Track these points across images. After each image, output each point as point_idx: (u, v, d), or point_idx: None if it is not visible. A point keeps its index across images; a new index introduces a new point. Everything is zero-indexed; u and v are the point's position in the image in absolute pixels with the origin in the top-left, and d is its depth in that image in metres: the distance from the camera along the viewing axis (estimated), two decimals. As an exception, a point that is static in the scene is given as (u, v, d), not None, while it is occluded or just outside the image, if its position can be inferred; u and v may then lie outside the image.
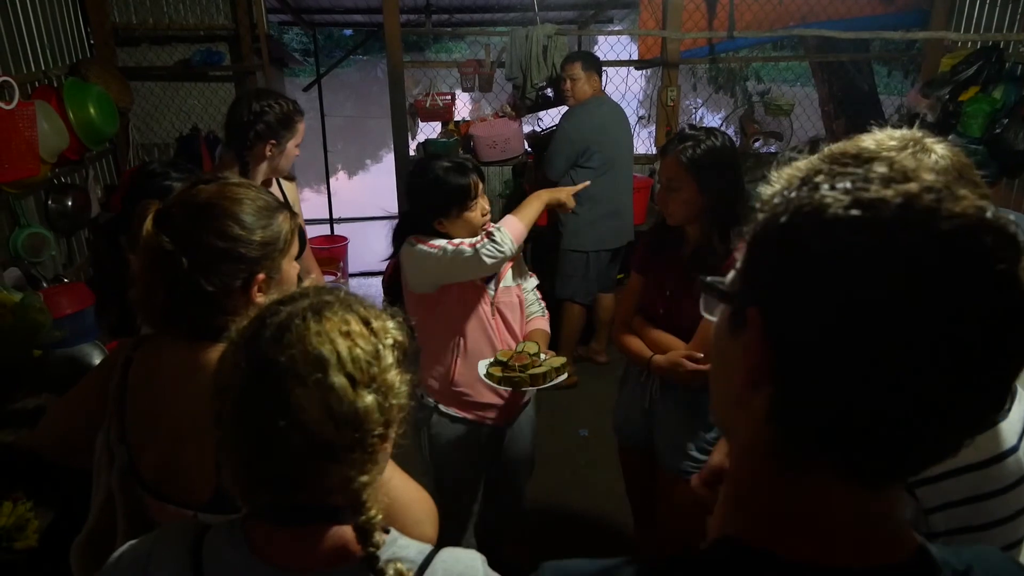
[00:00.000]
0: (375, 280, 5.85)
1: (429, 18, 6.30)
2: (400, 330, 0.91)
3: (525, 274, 2.32)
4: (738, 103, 6.86)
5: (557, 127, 4.20)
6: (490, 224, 2.10)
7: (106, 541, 1.15)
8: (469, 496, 2.30)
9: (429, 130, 4.89)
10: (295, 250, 1.27)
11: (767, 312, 0.56)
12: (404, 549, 0.88)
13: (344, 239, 6.05)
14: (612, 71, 4.89)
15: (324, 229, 6.66)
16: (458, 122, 4.74)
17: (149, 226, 1.16)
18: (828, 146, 0.62)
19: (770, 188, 0.60)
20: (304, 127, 2.45)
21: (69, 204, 3.50)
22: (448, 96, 4.69)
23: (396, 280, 2.22)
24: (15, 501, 1.89)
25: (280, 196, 2.51)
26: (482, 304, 2.14)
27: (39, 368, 2.42)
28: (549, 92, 4.49)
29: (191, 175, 1.79)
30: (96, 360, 2.52)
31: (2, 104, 2.71)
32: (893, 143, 0.57)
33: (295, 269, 1.29)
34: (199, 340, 1.16)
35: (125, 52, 4.47)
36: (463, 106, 5.02)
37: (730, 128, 6.12)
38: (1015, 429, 1.03)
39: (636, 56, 5.10)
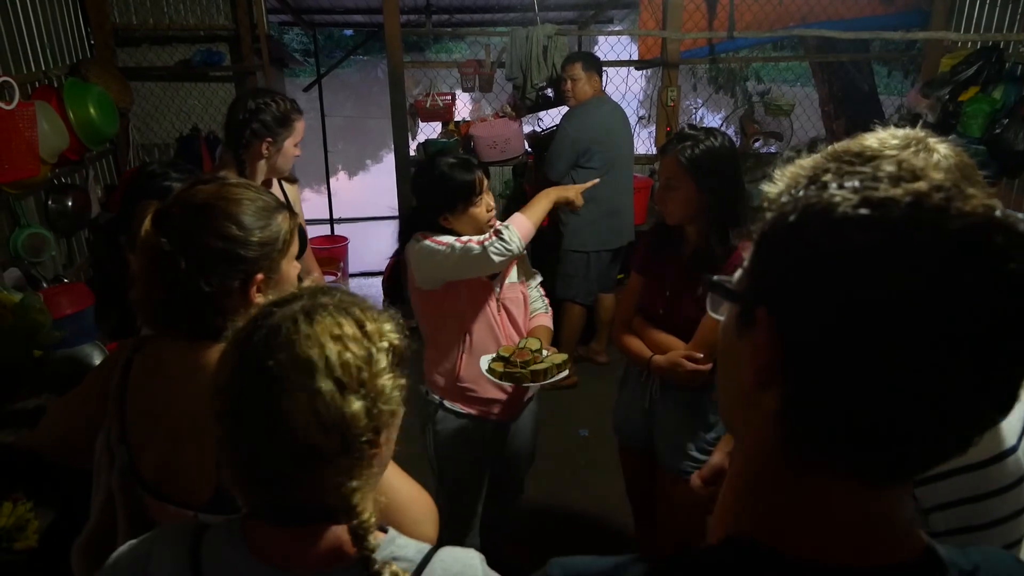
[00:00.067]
0: (375, 280, 5.85)
1: (429, 18, 6.30)
2: (397, 333, 0.90)
3: (530, 271, 2.33)
4: (738, 103, 6.86)
5: (558, 128, 4.19)
6: (496, 221, 2.11)
7: (107, 542, 1.15)
8: (473, 494, 2.30)
9: (429, 130, 4.89)
10: (295, 250, 1.27)
11: (776, 312, 0.55)
12: (402, 548, 0.88)
13: (344, 239, 6.05)
14: (612, 71, 4.89)
15: (324, 229, 6.67)
16: (458, 122, 4.73)
17: (148, 226, 1.16)
18: (828, 147, 0.61)
19: (774, 186, 0.60)
20: (303, 127, 2.44)
21: (69, 204, 3.50)
22: (448, 96, 4.69)
23: (396, 280, 2.22)
24: (15, 501, 1.89)
25: (281, 197, 2.51)
26: (488, 301, 2.15)
27: (39, 368, 2.42)
28: (549, 92, 4.49)
29: (191, 175, 1.79)
30: (96, 361, 2.52)
31: (2, 104, 2.71)
32: (896, 142, 0.57)
33: (295, 269, 1.29)
34: (199, 340, 1.16)
35: (125, 52, 4.48)
36: (463, 106, 5.02)
37: (730, 128, 6.12)
38: (1015, 429, 1.02)
39: (636, 56, 5.10)
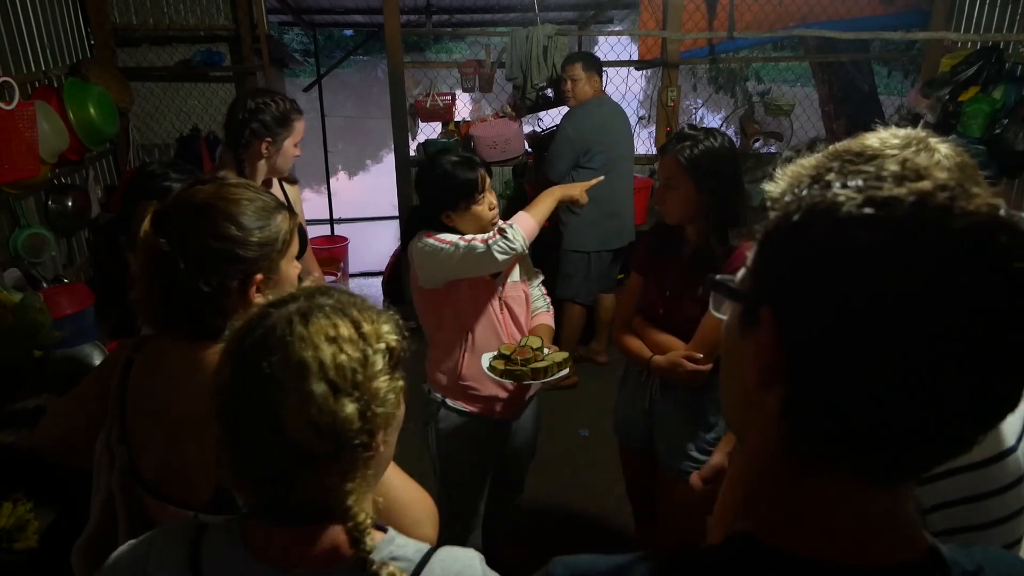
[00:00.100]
0: (375, 280, 5.86)
1: (429, 18, 6.30)
2: (395, 334, 0.89)
3: (532, 271, 2.34)
4: (738, 103, 6.86)
5: (558, 128, 4.19)
6: (498, 219, 2.12)
7: (107, 542, 1.15)
8: (475, 493, 2.31)
9: (429, 130, 4.90)
10: (295, 250, 1.27)
11: (780, 311, 0.55)
12: (401, 548, 0.88)
13: (344, 239, 6.05)
14: (612, 71, 4.89)
15: (324, 229, 6.67)
16: (458, 122, 4.74)
17: (147, 227, 1.15)
18: (828, 147, 0.61)
19: (776, 185, 0.60)
20: (303, 127, 2.44)
21: (69, 204, 3.50)
22: (448, 96, 4.69)
23: (395, 280, 2.22)
24: (15, 502, 1.89)
25: (282, 198, 2.51)
26: (491, 299, 2.16)
27: (39, 368, 2.42)
28: (549, 92, 4.49)
29: (191, 176, 1.79)
30: (96, 360, 2.52)
31: (2, 104, 2.71)
32: (896, 141, 0.57)
33: (296, 269, 1.28)
34: (198, 340, 1.16)
35: (125, 52, 4.48)
36: (463, 106, 5.03)
37: (730, 128, 6.12)
38: (1014, 429, 1.02)
39: (636, 56, 5.10)
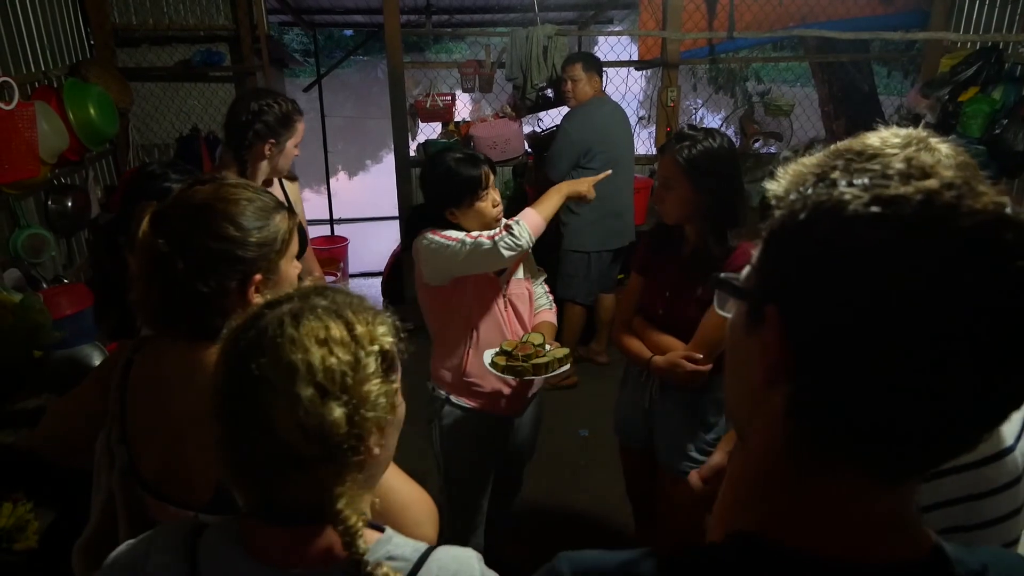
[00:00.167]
0: (375, 280, 5.86)
1: (429, 19, 6.30)
2: (390, 336, 0.88)
3: (535, 269, 2.35)
4: (738, 103, 6.86)
5: (558, 128, 4.19)
6: (501, 216, 2.13)
7: (107, 542, 1.14)
8: (478, 490, 2.31)
9: (429, 131, 4.90)
10: (294, 250, 1.26)
11: (785, 309, 0.55)
12: (399, 548, 0.88)
13: (344, 239, 6.06)
14: (612, 72, 4.89)
15: (324, 230, 6.67)
16: (458, 122, 4.74)
17: (145, 227, 1.15)
18: (828, 147, 0.61)
19: (777, 184, 0.59)
20: (304, 127, 2.45)
21: (69, 205, 3.49)
22: (448, 97, 4.70)
23: (394, 280, 2.22)
24: (15, 502, 1.89)
25: (282, 196, 2.51)
26: (495, 297, 2.17)
27: (39, 368, 2.42)
28: (549, 92, 4.49)
29: (190, 176, 1.79)
30: (96, 361, 2.52)
31: (2, 105, 2.71)
32: (897, 141, 0.57)
33: (296, 269, 1.28)
34: (198, 341, 1.16)
35: (125, 53, 4.48)
36: (463, 107, 5.03)
37: (730, 128, 6.12)
38: (1013, 429, 1.02)
39: (636, 56, 5.11)
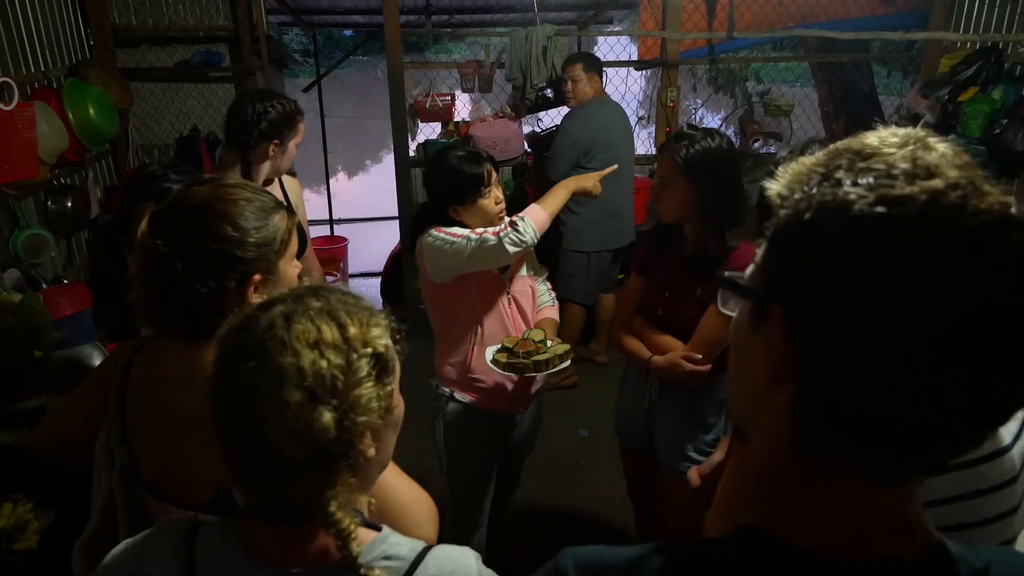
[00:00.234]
0: (375, 280, 5.86)
1: (429, 19, 6.31)
2: (385, 339, 0.87)
3: (537, 266, 2.36)
4: (738, 103, 6.86)
5: (558, 128, 4.19)
6: (504, 213, 2.14)
7: (108, 542, 1.14)
8: (481, 488, 2.31)
9: (429, 131, 4.90)
10: (294, 250, 1.26)
11: (790, 309, 0.55)
12: (395, 547, 0.87)
13: (344, 240, 6.06)
14: (612, 72, 4.89)
15: (324, 230, 6.67)
16: (458, 123, 4.74)
17: (144, 228, 1.15)
18: (824, 147, 0.61)
19: (776, 184, 0.59)
20: (304, 126, 2.47)
21: (69, 205, 3.50)
22: (448, 97, 4.70)
23: (393, 280, 2.22)
24: (15, 502, 1.89)
25: (282, 193, 2.52)
26: (499, 294, 2.18)
27: (39, 369, 2.42)
28: (549, 93, 4.49)
29: (190, 177, 1.79)
30: (96, 361, 2.52)
31: (1, 105, 2.71)
32: (895, 140, 0.57)
33: (296, 269, 1.28)
34: (197, 341, 1.16)
35: (125, 53, 4.48)
36: (463, 107, 5.03)
37: (730, 128, 6.12)
38: (1011, 429, 1.02)
39: (636, 57, 5.11)
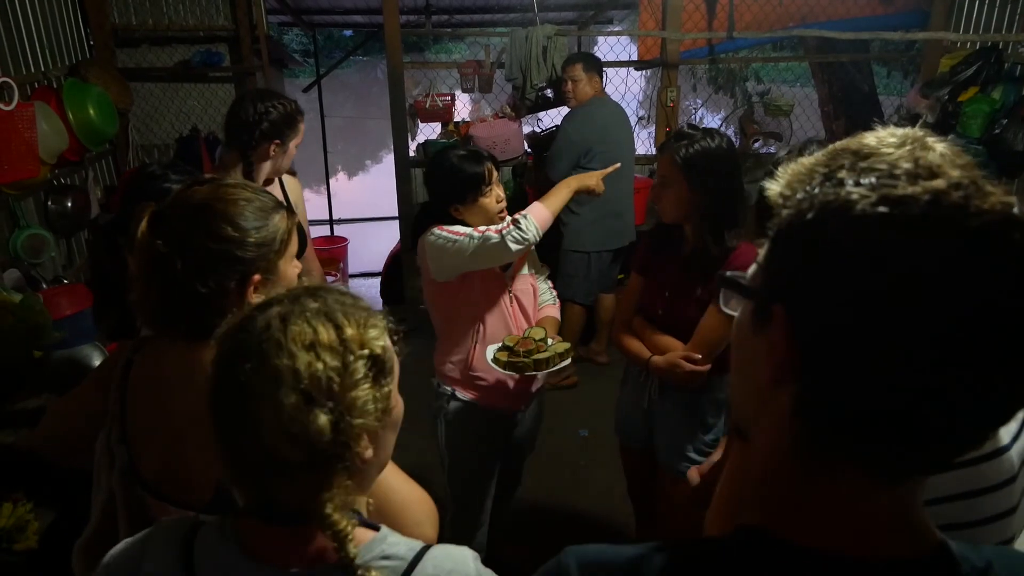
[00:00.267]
0: (375, 281, 5.87)
1: (429, 19, 6.31)
2: (382, 340, 0.87)
3: (539, 265, 2.37)
4: (738, 103, 6.86)
5: (559, 129, 4.19)
6: (505, 212, 2.14)
7: (108, 542, 1.14)
8: (483, 487, 2.31)
9: (429, 131, 4.90)
10: (294, 250, 1.26)
11: (792, 308, 0.55)
12: (393, 547, 0.87)
13: (344, 240, 6.07)
14: (612, 72, 4.89)
15: (324, 230, 6.68)
16: (458, 123, 4.74)
17: (143, 228, 1.15)
18: (823, 147, 0.61)
19: (775, 185, 0.60)
20: (304, 126, 2.47)
21: (69, 205, 3.50)
22: (448, 97, 4.70)
23: (392, 280, 2.22)
24: (15, 502, 1.89)
25: (282, 193, 2.52)
26: (501, 292, 2.19)
27: (39, 368, 2.42)
28: (549, 93, 4.49)
29: (190, 177, 1.79)
30: (96, 361, 2.52)
31: (1, 105, 2.71)
32: (893, 140, 0.57)
33: (296, 269, 1.28)
34: (197, 341, 1.16)
35: (125, 53, 4.48)
36: (463, 107, 5.03)
37: (730, 129, 6.12)
38: (1010, 428, 1.03)
39: (636, 57, 5.11)
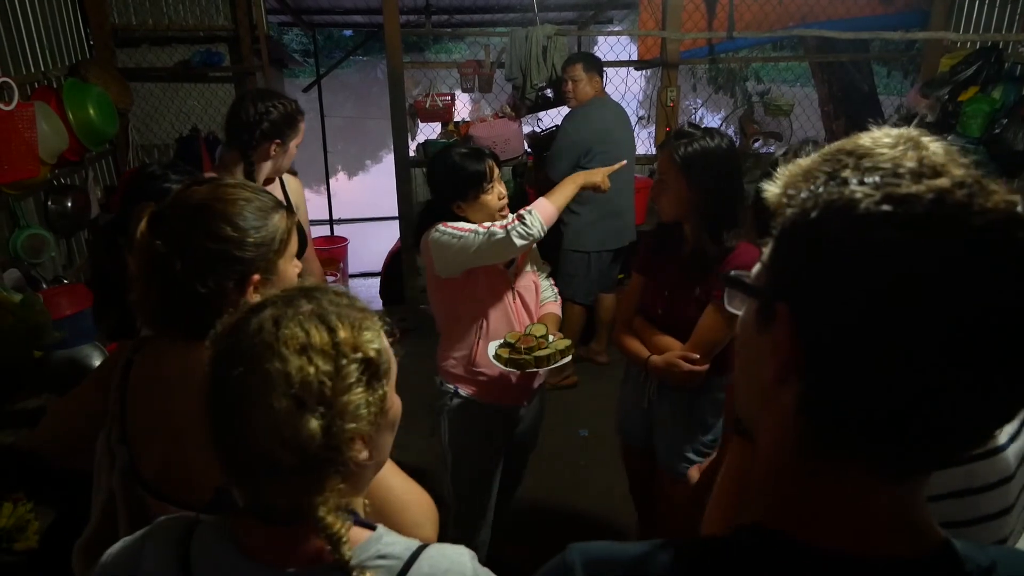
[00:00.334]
0: (375, 280, 5.87)
1: (429, 19, 6.31)
2: (377, 344, 0.86)
3: (540, 262, 2.37)
4: (738, 103, 6.86)
5: (559, 128, 4.19)
6: (506, 209, 2.15)
7: (108, 542, 1.14)
8: (486, 485, 2.31)
9: (429, 131, 4.90)
10: (293, 249, 1.27)
11: (796, 307, 0.55)
12: (389, 546, 0.87)
13: (344, 240, 6.07)
14: (612, 71, 4.90)
15: (324, 230, 6.68)
16: (458, 123, 4.74)
17: (143, 228, 1.16)
18: (821, 148, 0.61)
19: (772, 185, 0.60)
20: (304, 126, 2.47)
21: (69, 205, 3.50)
22: (448, 97, 4.70)
23: (392, 280, 2.22)
24: (15, 502, 1.89)
25: (282, 193, 2.52)
26: (504, 288, 2.19)
27: (39, 369, 2.42)
28: (549, 92, 4.49)
29: (190, 177, 1.79)
30: (96, 361, 2.52)
31: (2, 105, 2.71)
32: (888, 140, 0.57)
33: (296, 269, 1.28)
34: (197, 341, 1.15)
35: (125, 53, 4.48)
36: (463, 107, 5.03)
37: (730, 128, 6.12)
38: (1008, 429, 1.03)
39: (636, 56, 5.11)
